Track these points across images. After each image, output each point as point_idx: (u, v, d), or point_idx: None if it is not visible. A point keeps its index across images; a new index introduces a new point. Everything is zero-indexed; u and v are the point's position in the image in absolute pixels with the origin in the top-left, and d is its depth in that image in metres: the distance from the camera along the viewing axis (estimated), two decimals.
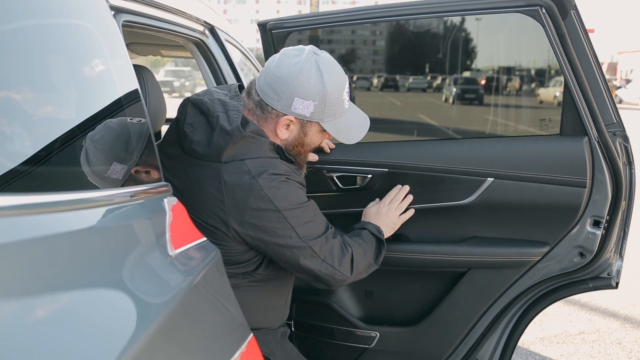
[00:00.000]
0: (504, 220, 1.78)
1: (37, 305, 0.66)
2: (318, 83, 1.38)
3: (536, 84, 7.63)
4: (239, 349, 1.02)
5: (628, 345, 3.05)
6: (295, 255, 1.40)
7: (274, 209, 1.35)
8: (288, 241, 1.38)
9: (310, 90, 1.38)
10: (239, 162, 1.36)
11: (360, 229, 1.63)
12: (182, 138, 1.43)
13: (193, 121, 1.41)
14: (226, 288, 1.07)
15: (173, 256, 0.94)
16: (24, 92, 0.89)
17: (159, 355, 0.77)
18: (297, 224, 1.38)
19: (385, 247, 1.62)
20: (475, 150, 1.80)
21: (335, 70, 1.43)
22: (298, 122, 1.44)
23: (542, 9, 1.57)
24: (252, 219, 1.35)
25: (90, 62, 1.05)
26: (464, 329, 1.92)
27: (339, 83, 1.43)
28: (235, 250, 1.40)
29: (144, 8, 1.41)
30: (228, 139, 1.35)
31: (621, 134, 1.70)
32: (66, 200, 0.83)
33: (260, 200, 1.34)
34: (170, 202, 1.06)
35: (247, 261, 1.44)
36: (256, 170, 1.35)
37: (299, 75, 1.37)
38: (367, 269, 1.57)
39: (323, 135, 1.51)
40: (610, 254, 1.77)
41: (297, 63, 1.38)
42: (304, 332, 2.11)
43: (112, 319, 0.74)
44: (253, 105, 1.43)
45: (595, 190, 1.67)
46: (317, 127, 1.47)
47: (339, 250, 1.47)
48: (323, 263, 1.43)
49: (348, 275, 1.49)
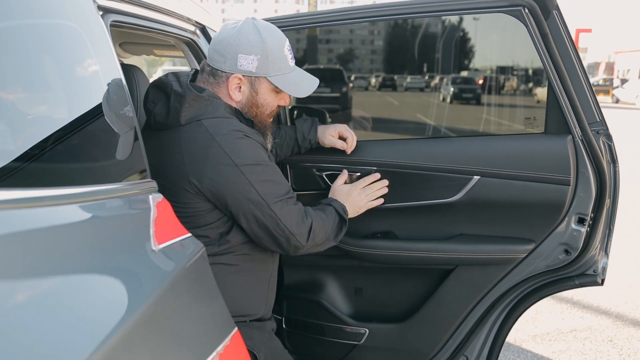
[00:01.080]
0: (491, 218, 1.81)
1: (21, 296, 0.68)
2: (257, 37, 1.47)
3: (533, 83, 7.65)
4: (222, 342, 1.04)
5: (619, 343, 3.07)
6: (253, 210, 1.43)
7: (232, 163, 1.40)
8: (246, 194, 1.42)
9: (250, 44, 1.47)
10: (197, 122, 1.43)
11: (326, 204, 1.66)
12: (148, 117, 1.51)
13: (154, 98, 1.51)
14: (210, 282, 1.09)
15: (157, 251, 0.96)
16: (10, 91, 0.92)
17: (141, 346, 0.79)
18: (255, 180, 1.42)
19: (347, 227, 1.65)
20: (462, 149, 1.82)
21: (272, 28, 1.52)
22: (247, 80, 1.51)
23: (525, 9, 1.60)
24: (210, 174, 1.40)
25: (76, 62, 1.07)
26: (451, 325, 1.94)
27: (277, 38, 1.50)
28: (199, 208, 1.44)
29: (133, 8, 1.43)
30: (182, 100, 1.43)
31: (604, 133, 1.72)
32: (51, 196, 0.85)
33: (218, 155, 1.39)
34: (155, 199, 1.08)
35: (215, 221, 1.47)
36: (213, 128, 1.42)
37: (239, 34, 1.47)
38: (325, 243, 1.60)
39: (277, 96, 1.56)
40: (595, 251, 1.79)
41: (236, 26, 1.50)
42: (294, 329, 2.13)
43: (94, 310, 0.76)
44: (206, 75, 1.53)
45: (579, 188, 1.70)
46: (267, 85, 1.52)
47: (298, 217, 1.50)
48: (280, 224, 1.46)
49: (303, 242, 1.51)
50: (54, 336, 0.67)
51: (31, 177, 0.88)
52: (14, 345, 0.62)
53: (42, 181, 0.91)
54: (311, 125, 1.84)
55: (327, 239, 1.59)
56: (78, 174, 1.01)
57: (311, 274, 2.10)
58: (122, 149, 1.12)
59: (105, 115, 1.07)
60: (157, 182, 1.11)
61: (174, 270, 0.97)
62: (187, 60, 2.11)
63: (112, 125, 1.09)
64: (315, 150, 1.86)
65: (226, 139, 1.40)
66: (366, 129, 2.35)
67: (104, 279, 0.83)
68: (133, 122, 1.15)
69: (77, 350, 0.67)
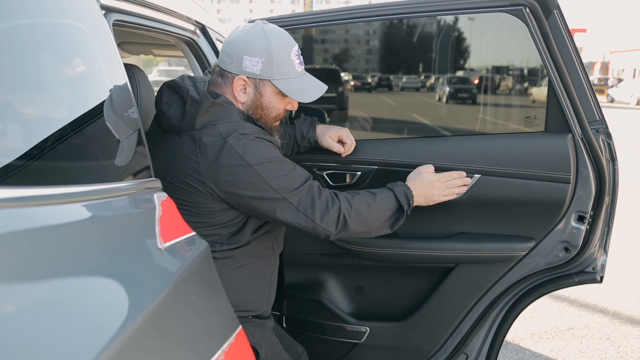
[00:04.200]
0: (491, 216, 1.81)
1: (27, 296, 0.68)
2: (263, 40, 1.49)
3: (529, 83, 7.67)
4: (227, 340, 1.04)
5: (616, 341, 3.09)
6: (272, 207, 1.45)
7: (244, 164, 1.42)
8: (262, 194, 1.44)
9: (256, 47, 1.49)
10: (211, 127, 1.45)
11: (387, 188, 1.63)
12: (160, 117, 1.52)
13: (168, 100, 1.52)
14: (215, 280, 1.09)
15: (162, 249, 0.96)
16: (16, 90, 0.91)
17: (147, 345, 0.79)
18: (269, 177, 1.43)
19: (407, 215, 1.61)
20: (463, 148, 1.82)
21: (281, 32, 1.53)
22: (252, 82, 1.52)
23: (526, 8, 1.61)
24: (225, 175, 1.42)
25: (81, 61, 1.07)
26: (452, 323, 1.95)
27: (284, 42, 1.52)
28: (214, 207, 1.46)
29: (135, 7, 1.43)
30: (198, 107, 1.45)
31: (604, 131, 1.73)
32: (57, 194, 0.85)
33: (231, 157, 1.41)
34: (160, 197, 1.09)
35: (230, 221, 1.50)
36: (226, 132, 1.44)
37: (246, 36, 1.50)
38: (375, 230, 1.58)
39: (283, 100, 1.56)
40: (594, 249, 1.80)
41: (245, 28, 1.53)
42: (294, 328, 2.13)
43: (101, 309, 0.76)
44: (216, 76, 1.55)
45: (579, 186, 1.71)
46: (271, 88, 1.53)
47: (321, 205, 1.49)
48: (302, 216, 1.47)
49: (332, 230, 1.50)
50: (61, 335, 0.67)
51: (36, 175, 0.88)
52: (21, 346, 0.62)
53: (47, 179, 0.91)
54: (310, 124, 1.84)
55: (376, 226, 1.57)
56: (83, 172, 1.01)
57: (312, 273, 2.10)
58: (126, 147, 1.12)
59: (109, 115, 1.07)
60: (169, 182, 1.12)
61: (180, 268, 0.97)
62: (187, 60, 2.12)
63: (116, 124, 1.09)
64: (317, 150, 1.87)
65: (238, 141, 1.42)
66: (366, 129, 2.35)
67: (111, 277, 0.83)
68: (137, 121, 1.15)
69: (85, 348, 0.68)
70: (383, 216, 1.58)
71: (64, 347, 0.66)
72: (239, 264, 1.54)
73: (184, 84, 1.52)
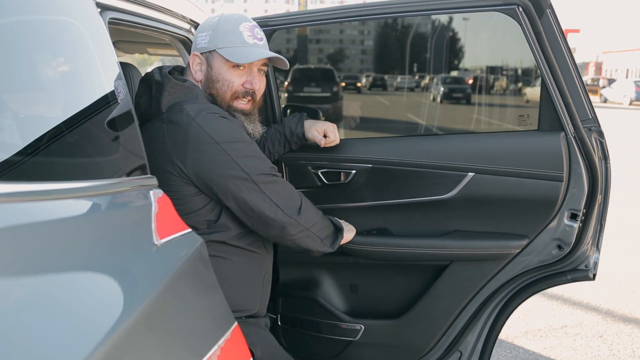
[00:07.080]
0: (485, 214, 1.83)
1: (20, 292, 0.68)
2: (214, 18, 1.58)
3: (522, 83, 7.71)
4: (223, 337, 1.04)
5: (609, 338, 3.11)
6: (239, 187, 1.44)
7: (213, 142, 1.42)
8: (230, 172, 1.43)
9: (206, 23, 1.58)
10: (178, 107, 1.48)
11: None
12: (136, 110, 1.52)
13: (140, 92, 1.57)
14: (211, 277, 1.09)
15: (158, 245, 0.97)
16: (11, 87, 0.92)
17: (143, 341, 0.79)
18: (237, 156, 1.44)
19: (341, 237, 1.68)
20: (457, 146, 1.84)
21: (237, 14, 1.59)
22: (203, 57, 1.56)
23: (519, 7, 1.62)
24: (194, 153, 1.42)
25: (77, 59, 1.07)
26: (446, 321, 1.96)
27: (234, 17, 1.58)
28: (185, 192, 1.46)
29: (131, 6, 1.43)
30: (161, 89, 1.49)
31: (596, 130, 1.74)
32: (53, 190, 0.85)
33: (199, 135, 1.42)
34: (156, 194, 1.09)
35: (202, 207, 1.49)
36: (194, 111, 1.45)
37: (205, 20, 1.59)
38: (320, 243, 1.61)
39: (235, 72, 1.55)
40: (587, 247, 1.81)
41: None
42: (290, 326, 2.14)
43: (96, 305, 0.76)
44: (185, 65, 1.63)
45: (572, 184, 1.72)
46: (219, 58, 1.55)
47: (285, 191, 1.51)
48: (266, 197, 1.47)
49: (294, 216, 1.51)
50: (55, 332, 0.67)
51: (31, 171, 0.88)
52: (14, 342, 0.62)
53: (43, 176, 0.91)
54: (298, 120, 1.84)
55: (318, 234, 1.59)
56: (79, 168, 1.01)
57: (306, 271, 2.11)
58: (121, 144, 1.12)
59: (105, 112, 1.07)
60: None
61: (176, 264, 0.97)
62: (182, 58, 2.12)
63: (112, 122, 1.09)
64: (311, 148, 1.87)
65: (205, 119, 1.44)
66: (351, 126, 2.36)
67: (106, 273, 0.83)
68: (133, 119, 1.15)
69: (80, 345, 0.67)
70: (324, 231, 1.62)
71: (57, 344, 0.65)
72: (230, 264, 1.54)
73: (151, 73, 1.56)
